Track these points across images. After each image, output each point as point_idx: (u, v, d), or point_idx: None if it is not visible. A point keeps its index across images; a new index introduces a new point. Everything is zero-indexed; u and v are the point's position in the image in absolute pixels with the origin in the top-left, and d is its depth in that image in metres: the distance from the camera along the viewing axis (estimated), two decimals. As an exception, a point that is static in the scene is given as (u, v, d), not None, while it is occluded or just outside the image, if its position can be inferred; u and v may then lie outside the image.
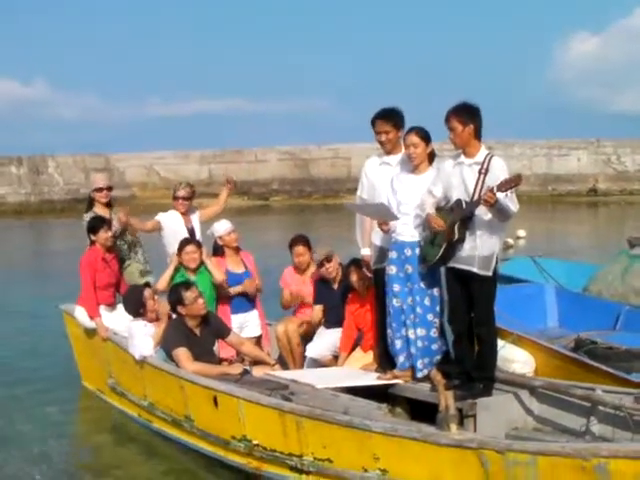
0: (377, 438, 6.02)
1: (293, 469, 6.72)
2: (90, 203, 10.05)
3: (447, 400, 5.87)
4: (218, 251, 9.45)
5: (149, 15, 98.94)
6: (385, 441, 5.99)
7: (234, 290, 9.19)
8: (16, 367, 11.39)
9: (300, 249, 9.24)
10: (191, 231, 9.75)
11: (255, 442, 6.96)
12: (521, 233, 24.03)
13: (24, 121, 77.26)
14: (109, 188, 10.10)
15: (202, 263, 9.13)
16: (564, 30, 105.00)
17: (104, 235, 9.24)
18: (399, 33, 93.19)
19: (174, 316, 8.28)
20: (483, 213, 6.76)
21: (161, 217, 9.85)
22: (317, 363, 8.58)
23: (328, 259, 8.72)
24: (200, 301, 8.08)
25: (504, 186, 6.49)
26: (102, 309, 9.25)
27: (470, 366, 7.04)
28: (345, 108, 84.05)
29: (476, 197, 6.74)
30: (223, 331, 8.40)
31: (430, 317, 7.30)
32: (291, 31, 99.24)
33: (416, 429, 6.07)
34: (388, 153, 7.67)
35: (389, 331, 7.47)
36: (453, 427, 5.75)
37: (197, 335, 8.11)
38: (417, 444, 5.83)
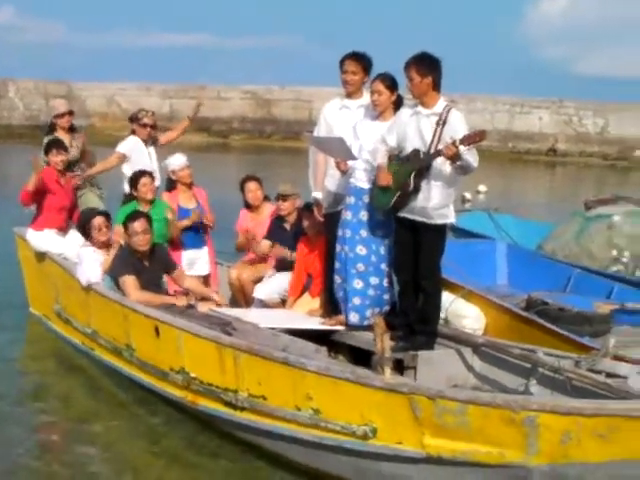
0: (311, 377, 6.01)
1: (228, 404, 6.70)
2: (50, 128, 9.96)
3: (383, 343, 5.80)
4: (171, 185, 9.37)
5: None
6: (318, 380, 5.98)
7: (182, 223, 9.08)
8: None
9: (251, 185, 9.22)
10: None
11: (193, 375, 6.94)
12: (482, 188, 24.04)
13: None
14: (70, 112, 10.01)
15: (155, 196, 9.06)
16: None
17: (54, 158, 9.24)
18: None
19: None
20: (440, 165, 6.69)
21: (124, 148, 9.73)
22: (265, 305, 8.58)
23: (284, 197, 8.69)
24: (141, 237, 7.87)
25: (467, 140, 6.43)
26: (54, 233, 9.24)
27: (413, 318, 7.05)
28: (316, 47, 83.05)
29: (433, 148, 6.67)
30: (169, 266, 8.31)
31: (383, 266, 7.27)
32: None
33: (350, 370, 6.08)
34: (349, 95, 7.57)
35: (336, 277, 7.44)
36: (387, 371, 5.72)
37: (145, 265, 8.03)
38: (349, 385, 5.82)
